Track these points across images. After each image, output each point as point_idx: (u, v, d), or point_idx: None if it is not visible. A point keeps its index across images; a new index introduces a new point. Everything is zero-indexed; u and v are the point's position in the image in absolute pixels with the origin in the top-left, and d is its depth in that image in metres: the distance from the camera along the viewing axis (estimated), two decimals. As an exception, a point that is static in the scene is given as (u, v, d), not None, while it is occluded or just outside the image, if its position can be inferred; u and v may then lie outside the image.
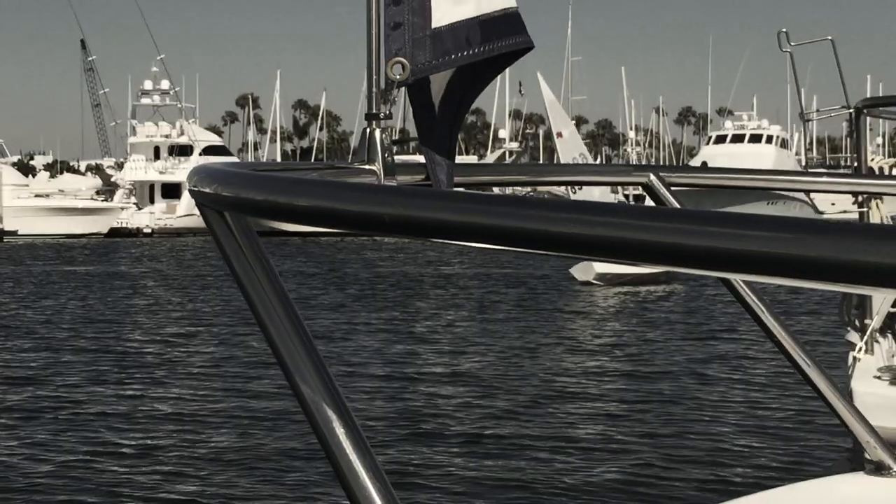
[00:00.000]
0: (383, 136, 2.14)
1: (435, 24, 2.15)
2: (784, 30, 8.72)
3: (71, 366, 18.66)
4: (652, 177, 2.58)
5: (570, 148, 31.33)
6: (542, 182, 2.83)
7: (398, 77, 2.09)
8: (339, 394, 1.25)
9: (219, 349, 20.42)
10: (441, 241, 1.09)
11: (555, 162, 32.00)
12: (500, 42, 2.22)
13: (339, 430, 1.22)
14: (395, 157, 2.15)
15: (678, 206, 2.50)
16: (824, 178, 3.13)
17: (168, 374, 17.69)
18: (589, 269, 31.53)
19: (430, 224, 1.07)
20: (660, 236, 0.90)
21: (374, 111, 2.15)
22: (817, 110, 9.97)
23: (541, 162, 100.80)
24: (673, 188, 2.59)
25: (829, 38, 9.14)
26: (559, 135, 32.03)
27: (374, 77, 2.13)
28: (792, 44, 8.93)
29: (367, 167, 2.12)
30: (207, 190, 1.38)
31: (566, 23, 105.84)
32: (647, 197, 2.62)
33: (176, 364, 18.80)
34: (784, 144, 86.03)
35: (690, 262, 0.90)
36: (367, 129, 2.16)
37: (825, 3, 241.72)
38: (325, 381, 1.26)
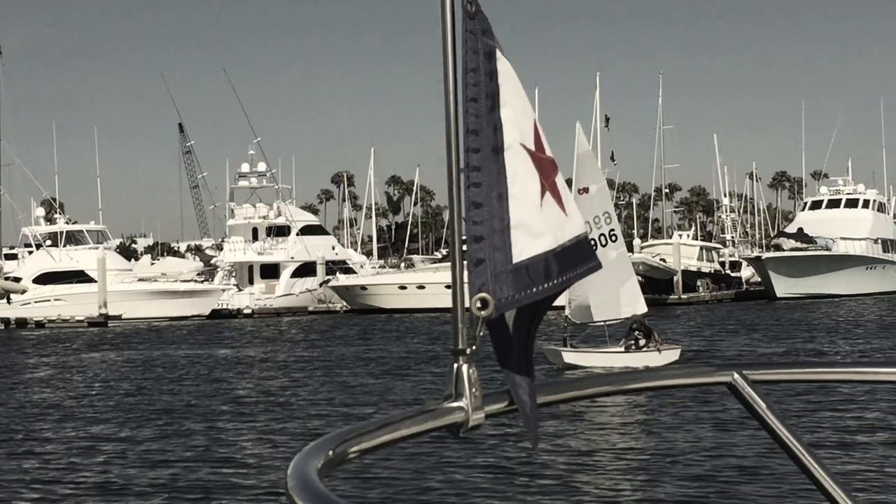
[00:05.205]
0: (470, 371, 2.19)
1: (516, 259, 2.20)
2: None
3: (243, 443, 19.42)
4: (735, 375, 2.50)
5: (595, 206, 29.59)
6: (625, 391, 2.67)
7: (483, 313, 2.14)
8: None
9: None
10: None
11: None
12: (575, 271, 2.30)
13: None
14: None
15: (764, 405, 2.47)
16: None
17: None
18: (557, 357, 30.47)
19: None
20: None
21: (460, 347, 2.19)
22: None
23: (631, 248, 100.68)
24: (758, 385, 2.48)
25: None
26: (585, 190, 30.27)
27: (460, 313, 2.18)
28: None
29: (455, 405, 2.18)
30: None
31: (657, 91, 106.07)
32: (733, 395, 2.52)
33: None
34: (881, 209, 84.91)
35: None
36: (455, 365, 2.19)
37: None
38: None
